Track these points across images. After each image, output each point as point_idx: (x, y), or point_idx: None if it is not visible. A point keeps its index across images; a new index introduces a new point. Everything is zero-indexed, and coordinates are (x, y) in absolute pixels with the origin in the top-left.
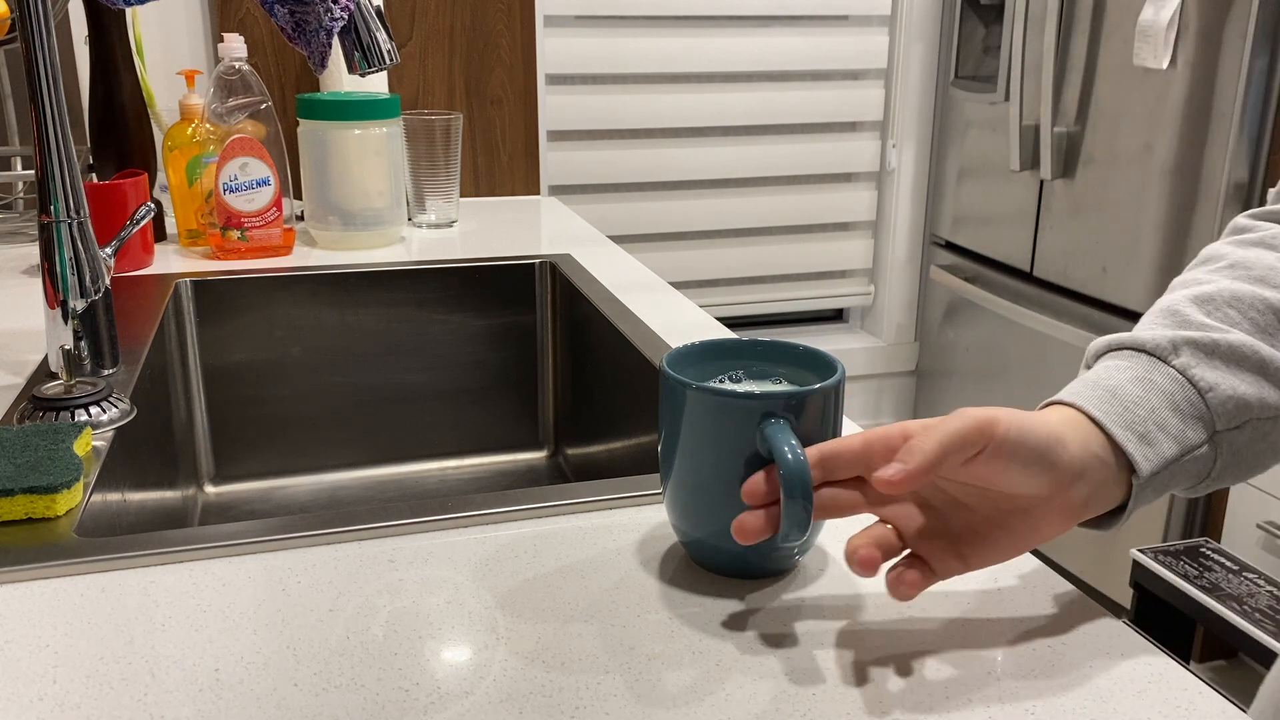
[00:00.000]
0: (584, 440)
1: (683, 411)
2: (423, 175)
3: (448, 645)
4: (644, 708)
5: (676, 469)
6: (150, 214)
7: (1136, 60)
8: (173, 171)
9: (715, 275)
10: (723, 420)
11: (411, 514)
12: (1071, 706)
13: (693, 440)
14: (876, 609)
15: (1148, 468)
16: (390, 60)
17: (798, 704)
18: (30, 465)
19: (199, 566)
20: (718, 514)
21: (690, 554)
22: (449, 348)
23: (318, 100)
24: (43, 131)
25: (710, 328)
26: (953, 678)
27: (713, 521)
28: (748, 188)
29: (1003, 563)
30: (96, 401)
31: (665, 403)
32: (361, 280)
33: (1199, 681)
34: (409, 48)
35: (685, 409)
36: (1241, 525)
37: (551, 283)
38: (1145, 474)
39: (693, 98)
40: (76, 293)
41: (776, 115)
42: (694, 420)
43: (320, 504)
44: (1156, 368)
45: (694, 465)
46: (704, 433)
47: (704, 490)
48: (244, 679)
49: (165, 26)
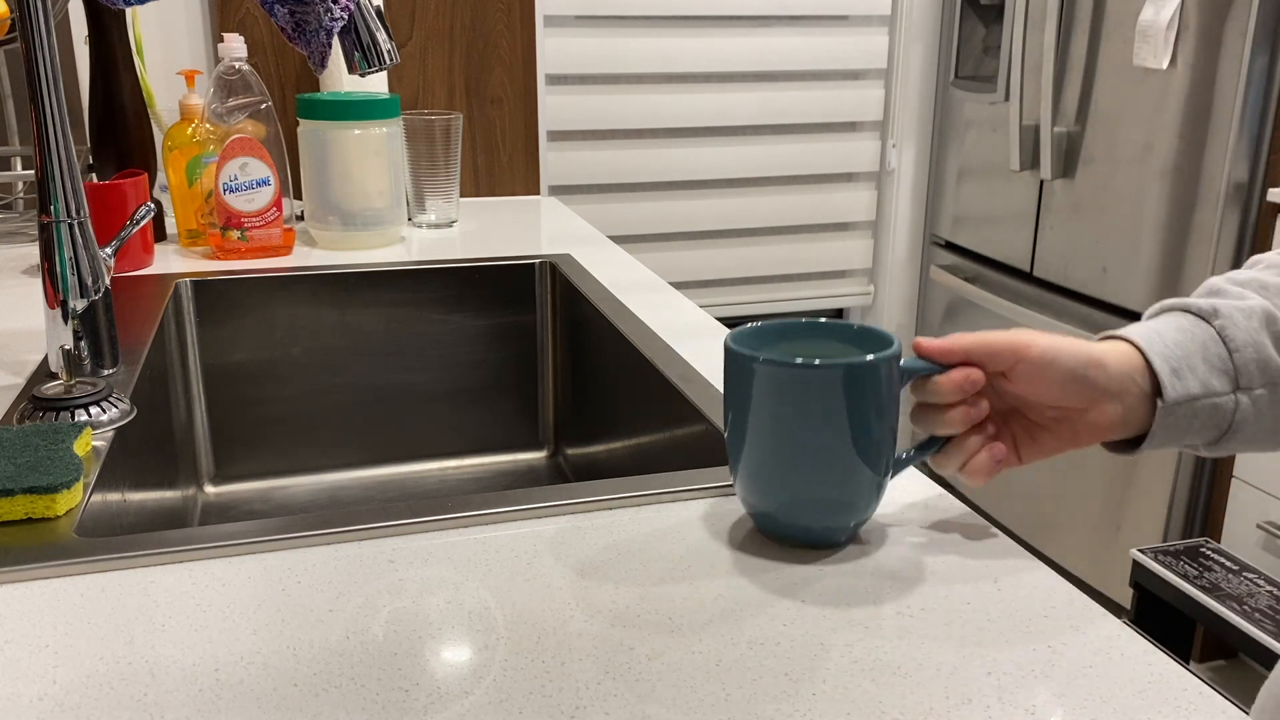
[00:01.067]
0: (584, 440)
1: (764, 387)
2: (423, 175)
3: (448, 645)
4: (644, 707)
5: (760, 445)
6: (150, 214)
7: (1136, 60)
8: (173, 171)
9: (715, 275)
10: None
11: (411, 514)
12: (1071, 706)
13: (778, 413)
14: (875, 605)
15: (1173, 395)
16: (390, 60)
17: (797, 704)
18: (30, 465)
19: (199, 566)
20: (816, 480)
21: (764, 527)
22: (449, 348)
23: (318, 100)
24: (43, 131)
25: (710, 328)
26: (953, 678)
27: (806, 488)
28: (747, 188)
29: (1048, 457)
30: (96, 401)
31: (752, 383)
32: (361, 280)
33: (1199, 681)
34: (409, 48)
35: (767, 384)
36: (1241, 525)
37: (551, 283)
38: (1170, 400)
39: (693, 98)
40: (76, 293)
41: (776, 115)
42: (776, 393)
43: (320, 504)
44: (1199, 325)
45: (783, 438)
46: (793, 404)
47: (804, 460)
48: (244, 679)
49: (165, 26)
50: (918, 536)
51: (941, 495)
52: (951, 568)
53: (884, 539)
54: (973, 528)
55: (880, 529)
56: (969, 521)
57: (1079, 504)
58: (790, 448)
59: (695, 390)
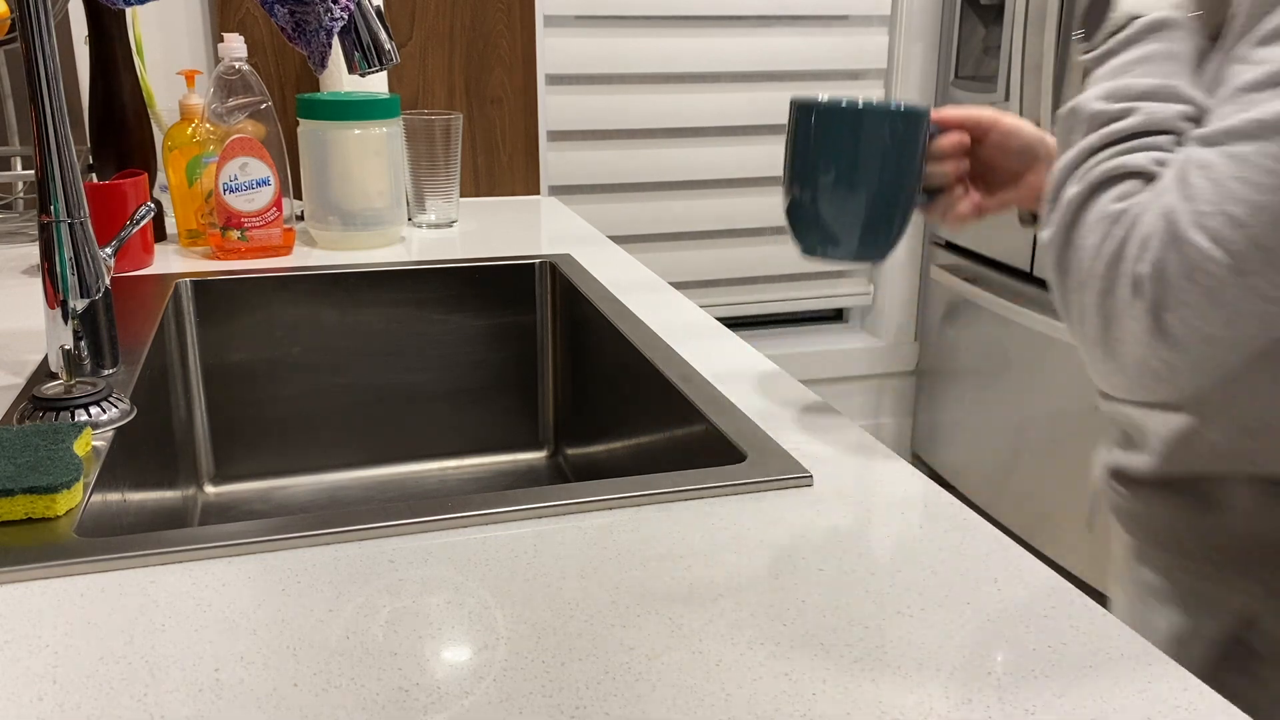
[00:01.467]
0: (584, 440)
1: (854, 131)
2: (423, 175)
3: (448, 645)
4: (644, 707)
5: (835, 181)
6: (150, 214)
7: None
8: (173, 171)
9: (715, 275)
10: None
11: (411, 514)
12: (1071, 706)
13: (860, 152)
14: (876, 605)
15: None
16: (390, 60)
17: (797, 704)
18: (30, 465)
19: (199, 566)
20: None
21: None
22: (449, 348)
23: (318, 100)
24: (43, 131)
25: (710, 328)
26: (953, 678)
27: (875, 209)
28: (748, 187)
29: (1001, 209)
30: (96, 401)
31: (849, 130)
32: (361, 280)
33: (1199, 681)
34: (409, 48)
35: (856, 128)
36: None
37: (551, 283)
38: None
39: (693, 98)
40: (76, 293)
41: (777, 115)
42: (862, 136)
43: (320, 504)
44: None
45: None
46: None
47: (872, 187)
48: (244, 679)
49: (165, 26)
50: (917, 536)
51: (941, 495)
52: (951, 568)
53: (884, 539)
54: (972, 527)
55: (880, 529)
56: (969, 521)
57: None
58: (864, 177)
59: (695, 390)
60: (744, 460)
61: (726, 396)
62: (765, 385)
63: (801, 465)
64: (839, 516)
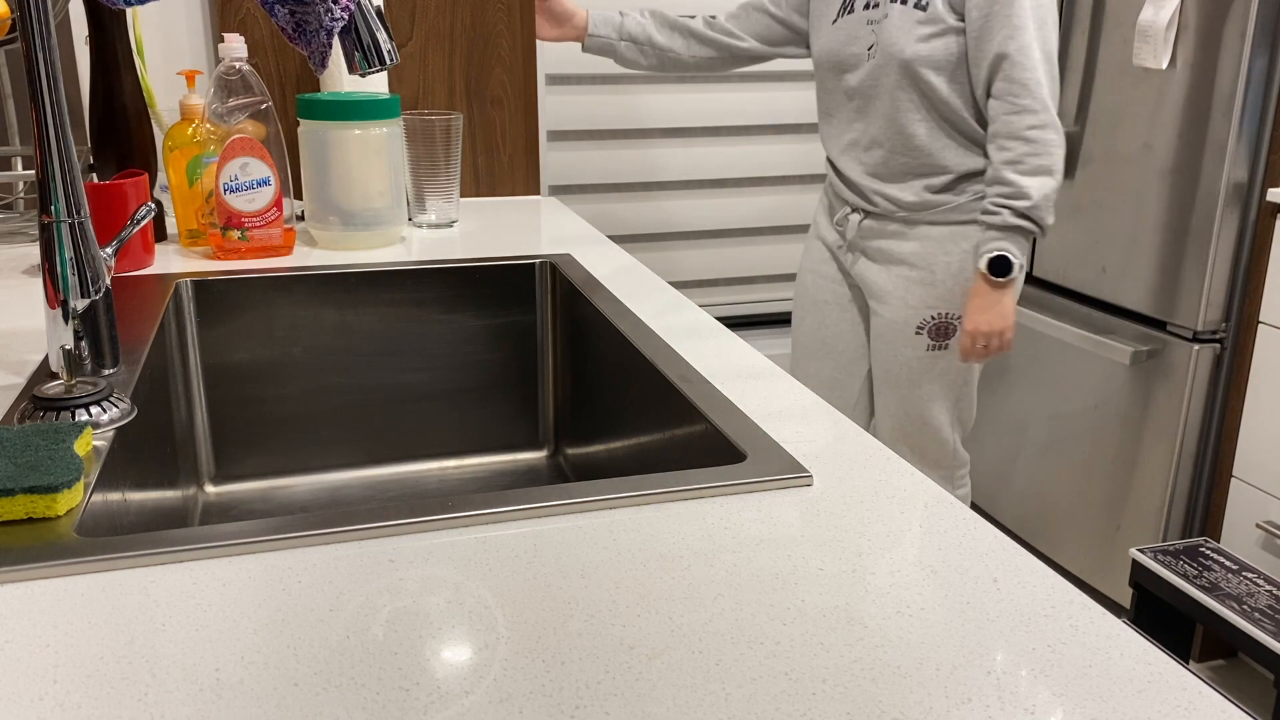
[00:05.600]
0: (584, 440)
1: None
2: (423, 175)
3: (448, 645)
4: (644, 707)
5: None
6: (150, 214)
7: (1136, 60)
8: (173, 171)
9: (715, 275)
10: None
11: (411, 514)
12: (1071, 706)
13: None
14: (875, 605)
15: None
16: (390, 60)
17: (797, 703)
18: (31, 465)
19: (199, 566)
20: None
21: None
22: (449, 348)
23: (318, 100)
24: (43, 131)
25: (710, 328)
26: (953, 678)
27: None
28: (747, 188)
29: (561, 36)
30: (97, 401)
31: None
32: (361, 280)
33: (1199, 681)
34: (409, 48)
35: None
36: (1241, 525)
37: (551, 283)
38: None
39: (693, 98)
40: (77, 293)
41: (777, 115)
42: None
43: (320, 504)
44: None
45: None
46: None
47: None
48: (244, 679)
49: (165, 26)
50: (917, 536)
51: (941, 495)
52: (951, 568)
53: (884, 538)
54: (972, 527)
55: (880, 528)
56: (969, 521)
57: (1078, 504)
58: None
59: (695, 390)
60: (744, 460)
61: (726, 396)
62: (765, 385)
63: (801, 464)
64: (839, 516)
